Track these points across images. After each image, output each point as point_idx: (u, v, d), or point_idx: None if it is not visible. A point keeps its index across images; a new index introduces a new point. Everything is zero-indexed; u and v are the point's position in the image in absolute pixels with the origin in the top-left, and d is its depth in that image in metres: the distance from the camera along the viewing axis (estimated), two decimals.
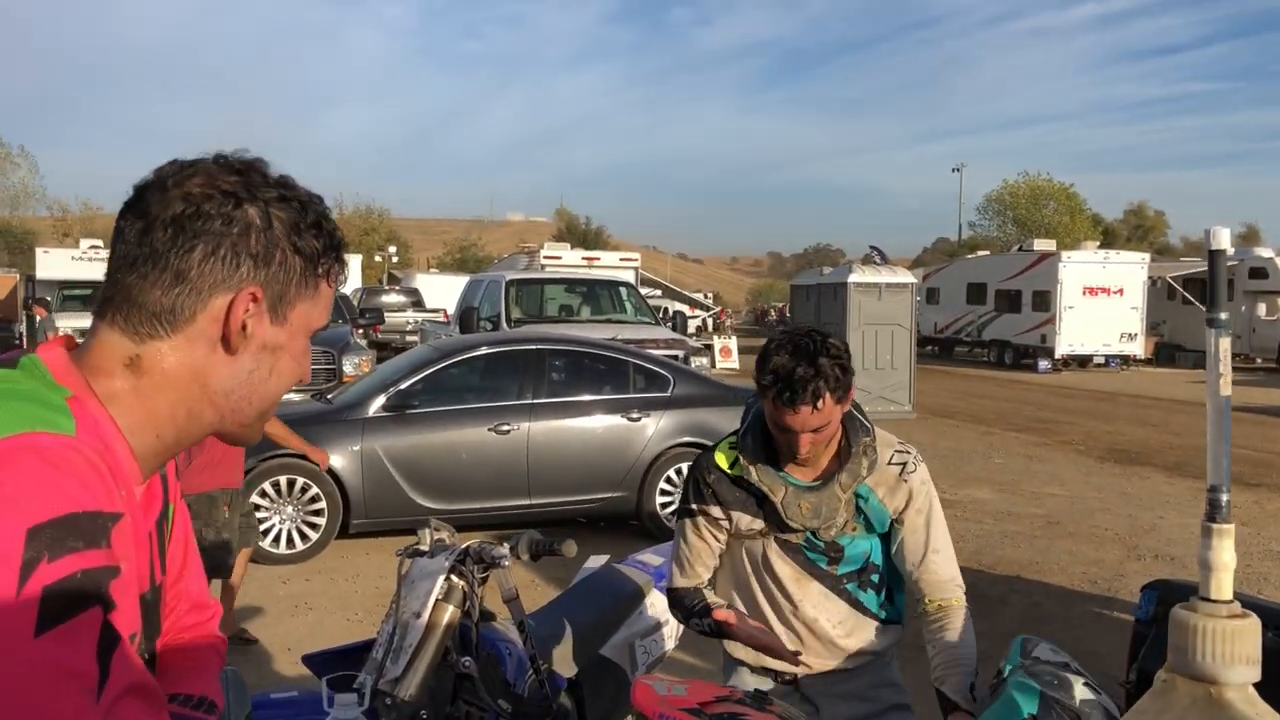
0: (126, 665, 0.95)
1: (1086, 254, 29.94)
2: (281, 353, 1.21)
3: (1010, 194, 63.94)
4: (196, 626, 1.40)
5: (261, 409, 1.23)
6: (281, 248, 1.17)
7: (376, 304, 26.57)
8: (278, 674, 5.42)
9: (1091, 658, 5.64)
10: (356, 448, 7.92)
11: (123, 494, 1.04)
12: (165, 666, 1.31)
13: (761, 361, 2.40)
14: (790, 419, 2.36)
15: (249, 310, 1.15)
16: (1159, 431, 15.80)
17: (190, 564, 1.40)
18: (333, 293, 1.28)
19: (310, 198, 1.22)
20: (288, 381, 1.24)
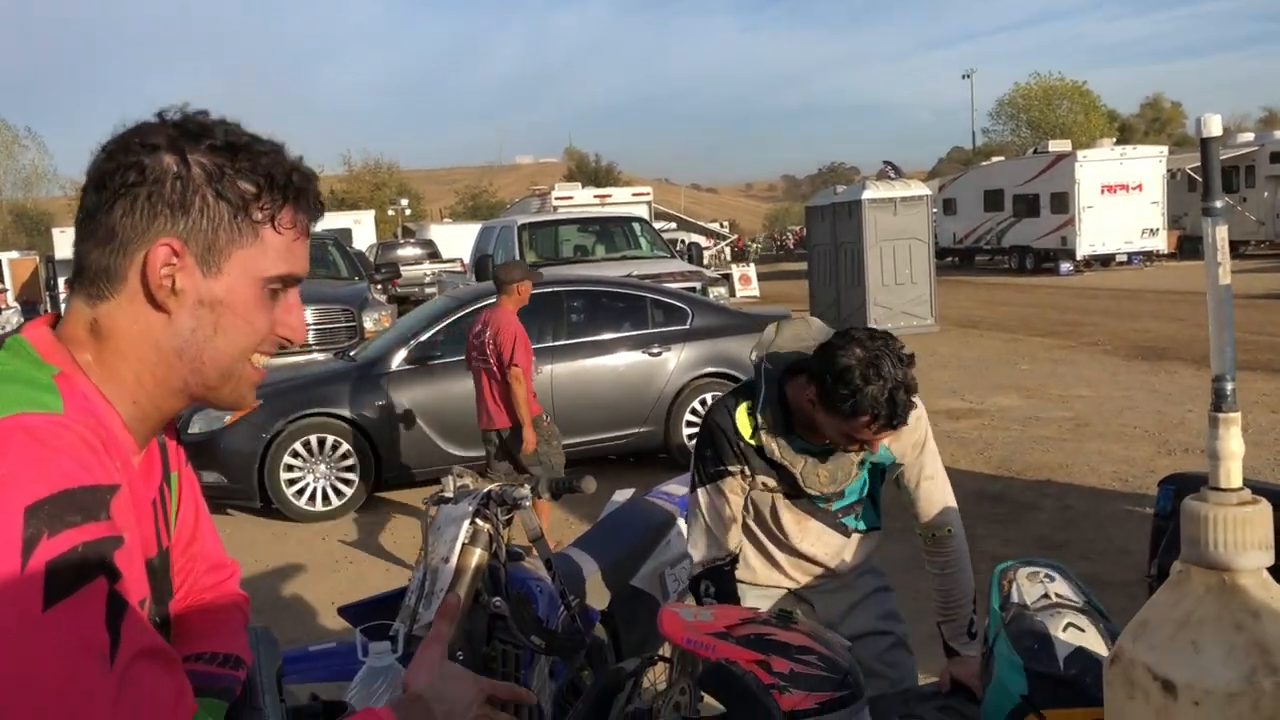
0: (137, 631, 0.97)
1: (1103, 151, 29.48)
2: (222, 308, 1.15)
3: (1023, 96, 62.93)
4: (217, 586, 1.43)
5: (220, 370, 1.17)
6: (201, 194, 1.12)
7: (392, 258, 26.52)
8: (323, 629, 5.53)
9: (1123, 555, 5.67)
10: (383, 402, 7.98)
11: (118, 465, 1.05)
12: (188, 627, 1.33)
13: (838, 383, 2.30)
14: (879, 437, 2.39)
15: (172, 264, 1.11)
16: (1185, 326, 15.67)
17: (202, 525, 1.42)
18: (291, 239, 1.18)
19: (251, 142, 1.16)
20: (241, 340, 1.17)
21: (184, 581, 1.36)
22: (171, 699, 0.98)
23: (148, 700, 0.95)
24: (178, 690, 0.99)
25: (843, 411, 2.31)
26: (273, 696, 1.40)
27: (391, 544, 7.11)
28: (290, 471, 7.75)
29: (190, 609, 1.36)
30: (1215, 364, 1.44)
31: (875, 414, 2.29)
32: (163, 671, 0.98)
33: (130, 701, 0.93)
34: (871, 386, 2.26)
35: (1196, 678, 1.33)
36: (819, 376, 2.36)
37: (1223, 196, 1.46)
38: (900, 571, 5.26)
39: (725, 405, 2.61)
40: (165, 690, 0.97)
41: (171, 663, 1.01)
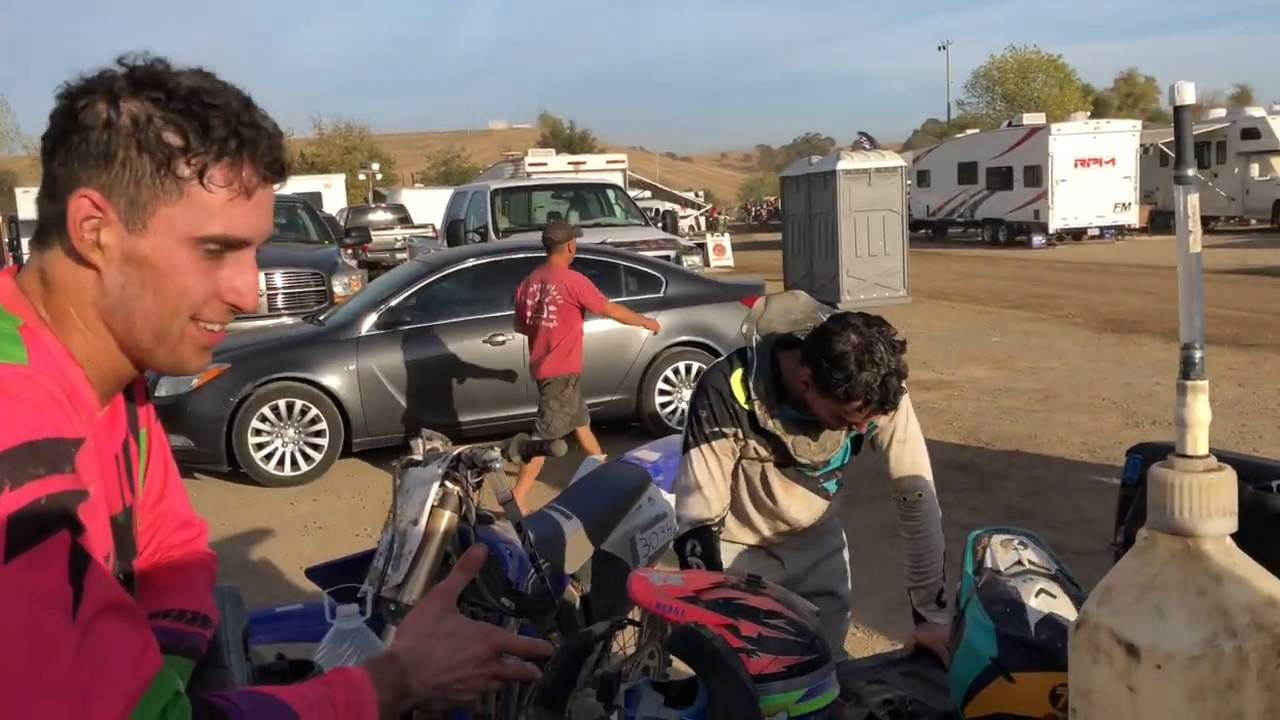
0: (101, 584, 0.96)
1: (1077, 125, 29.59)
2: (148, 267, 1.09)
3: (998, 69, 63.05)
4: (185, 544, 1.42)
5: (152, 331, 1.12)
6: (124, 145, 1.06)
7: (363, 222, 26.33)
8: (290, 592, 5.51)
9: (1090, 525, 5.74)
10: (352, 367, 7.94)
11: (83, 418, 1.03)
12: (155, 583, 1.32)
13: (834, 367, 2.36)
14: (868, 418, 2.47)
15: (95, 217, 1.07)
16: (1155, 299, 15.82)
17: (171, 483, 1.40)
18: (225, 198, 1.10)
19: (196, 89, 1.09)
20: (171, 302, 1.11)
21: (151, 539, 1.35)
22: (136, 653, 0.96)
23: (112, 654, 0.94)
24: (143, 644, 0.98)
25: (836, 395, 2.39)
26: (238, 655, 1.40)
27: (360, 509, 7.09)
28: (258, 436, 7.71)
29: (158, 565, 1.35)
30: (1184, 332, 1.45)
31: (868, 399, 2.37)
32: (127, 626, 0.97)
33: (93, 655, 0.92)
34: (865, 373, 2.33)
35: (1159, 641, 1.35)
36: (814, 360, 2.42)
37: (1194, 165, 1.47)
38: (871, 540, 5.33)
39: (721, 370, 2.67)
40: (130, 644, 0.96)
41: (136, 617, 0.99)
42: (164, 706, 0.96)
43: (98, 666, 0.92)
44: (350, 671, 1.16)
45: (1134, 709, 1.38)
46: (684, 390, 8.73)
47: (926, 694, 2.17)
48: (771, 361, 2.59)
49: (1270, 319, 13.21)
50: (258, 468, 7.72)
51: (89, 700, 0.90)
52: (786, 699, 1.83)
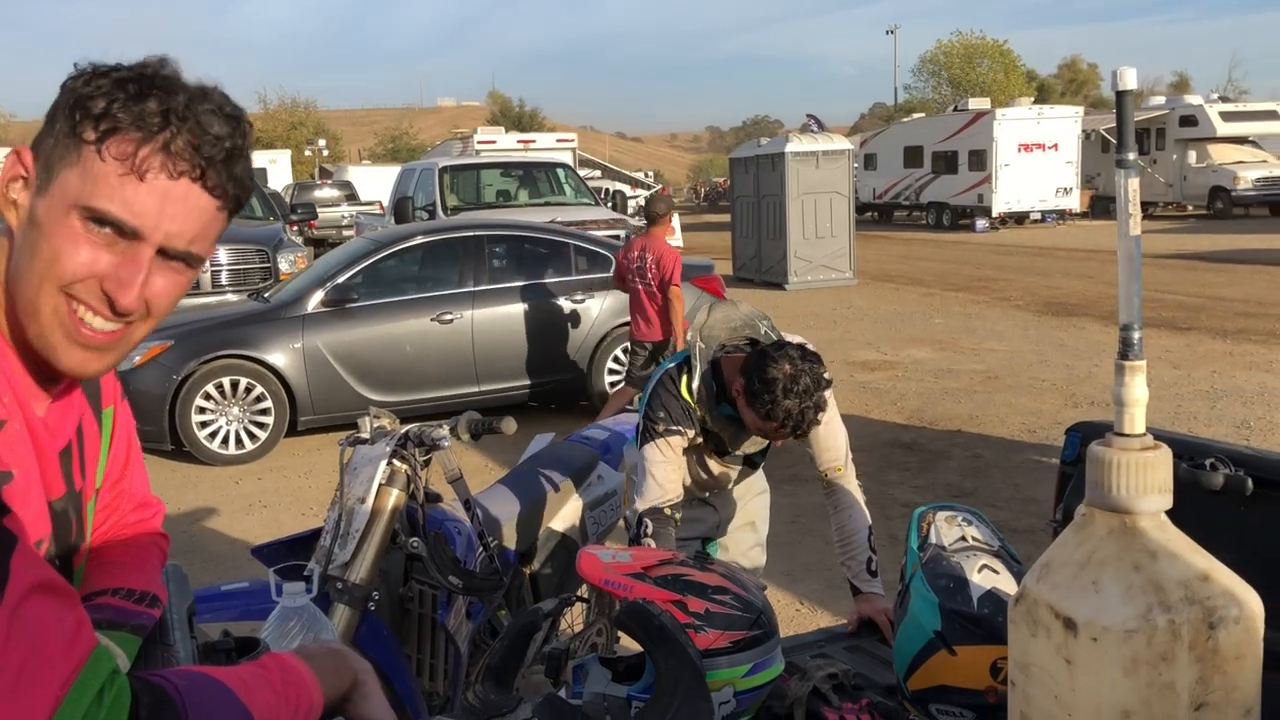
0: (28, 565, 0.93)
1: (1021, 110, 29.91)
2: (36, 230, 1.06)
3: (944, 54, 63.52)
4: (139, 523, 1.40)
5: (27, 302, 1.07)
6: (61, 108, 1.06)
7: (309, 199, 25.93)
8: (236, 572, 5.45)
9: (1029, 503, 5.85)
10: (298, 345, 7.85)
11: (6, 401, 1.01)
12: (106, 560, 1.30)
13: (763, 389, 2.55)
14: (783, 438, 2.70)
15: (18, 175, 1.06)
16: (1095, 283, 16.08)
17: (133, 463, 1.39)
18: (117, 171, 1.06)
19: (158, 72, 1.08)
20: (39, 267, 1.06)
21: (108, 518, 1.33)
22: (69, 632, 0.95)
23: (43, 634, 0.92)
24: (75, 623, 0.96)
25: (759, 412, 2.61)
26: (183, 633, 1.39)
27: (306, 488, 7.03)
28: (202, 414, 7.61)
29: (110, 542, 1.33)
30: (1123, 313, 1.48)
31: (784, 423, 2.59)
32: (58, 604, 0.95)
33: (23, 638, 0.90)
34: (788, 401, 2.55)
35: (1096, 615, 1.39)
36: (748, 375, 2.62)
37: (1135, 150, 1.50)
38: (814, 518, 5.39)
39: (670, 376, 2.87)
40: (61, 623, 0.94)
41: (67, 595, 0.97)
42: (101, 685, 0.94)
43: (29, 648, 0.90)
44: (285, 656, 1.15)
45: (1071, 681, 1.42)
46: None
47: (870, 667, 2.20)
48: (714, 364, 2.80)
49: (1205, 303, 13.50)
50: (202, 446, 7.61)
51: (21, 681, 0.88)
52: (733, 674, 1.86)
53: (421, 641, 2.74)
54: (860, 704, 1.98)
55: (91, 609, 1.22)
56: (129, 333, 1.13)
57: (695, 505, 3.18)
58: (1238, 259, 18.48)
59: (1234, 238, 22.50)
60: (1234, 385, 8.92)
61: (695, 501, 3.18)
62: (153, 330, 1.17)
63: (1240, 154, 30.07)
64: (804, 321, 13.23)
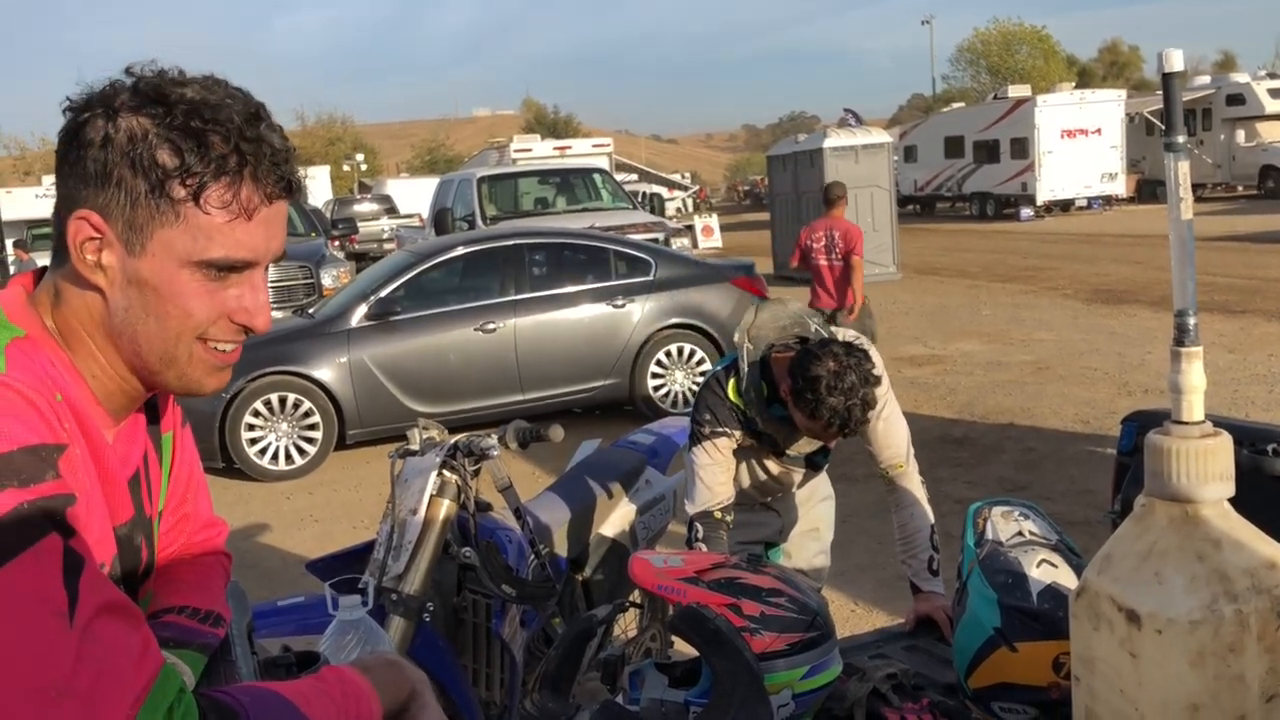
0: (96, 587, 0.94)
1: (1062, 96, 29.56)
2: (149, 290, 1.07)
3: (982, 42, 62.92)
4: (204, 542, 1.42)
5: (158, 354, 1.10)
6: (118, 165, 1.03)
7: (349, 214, 26.26)
8: (291, 586, 5.51)
9: (1085, 495, 5.76)
10: (344, 359, 7.92)
11: (68, 426, 1.02)
12: (172, 579, 1.32)
13: (807, 387, 2.51)
14: (832, 438, 2.68)
15: (95, 239, 1.05)
16: (1144, 269, 15.84)
17: (196, 486, 1.40)
18: (223, 220, 1.07)
19: (199, 102, 1.05)
20: (174, 325, 1.09)
21: (174, 541, 1.35)
22: (137, 653, 0.96)
23: (113, 655, 0.93)
24: (142, 644, 0.97)
25: (805, 412, 2.56)
26: (244, 649, 1.40)
27: (356, 501, 7.09)
28: (252, 431, 7.70)
29: (176, 561, 1.35)
30: (1177, 299, 1.45)
31: (830, 422, 2.53)
32: (125, 626, 0.96)
33: (93, 658, 0.91)
34: (833, 398, 2.49)
35: (1159, 607, 1.36)
36: (794, 375, 2.58)
37: (1184, 132, 1.47)
38: (866, 517, 5.35)
39: (717, 379, 2.84)
40: (129, 644, 0.96)
41: (134, 617, 0.99)
42: (170, 703, 0.95)
43: (100, 668, 0.91)
44: (343, 669, 1.16)
45: (1136, 675, 1.39)
46: (676, 373, 8.73)
47: (929, 666, 2.18)
48: (763, 365, 2.75)
49: (1259, 285, 13.26)
50: (252, 463, 7.71)
51: (95, 702, 0.89)
52: (790, 676, 1.84)
53: (477, 651, 2.75)
54: (921, 704, 1.96)
55: (158, 627, 1.23)
56: (242, 343, 1.19)
57: (758, 510, 3.15)
58: None
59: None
60: None
61: (758, 506, 3.15)
62: None
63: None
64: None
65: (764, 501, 3.18)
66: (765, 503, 3.18)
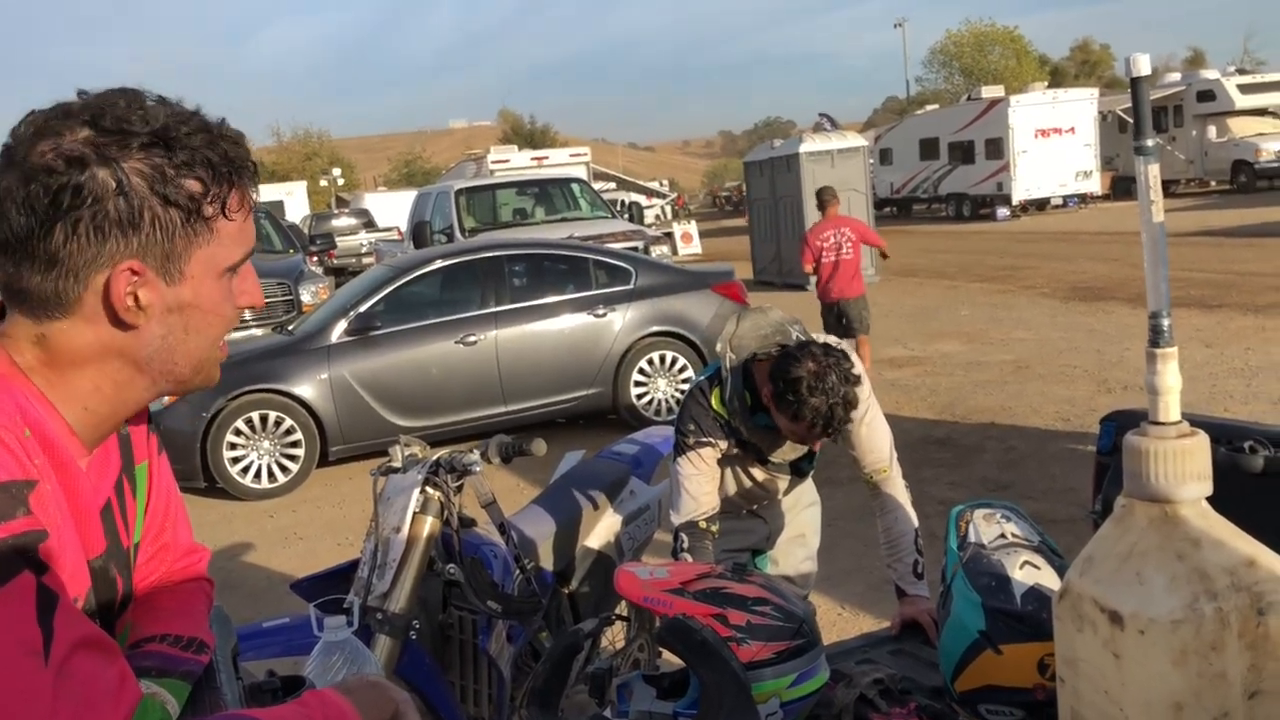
0: (71, 623, 0.94)
1: (1035, 96, 29.74)
2: (191, 310, 1.12)
3: (954, 43, 63.24)
4: (186, 568, 1.41)
5: (194, 365, 1.17)
6: (149, 206, 1.05)
7: (327, 229, 26.21)
8: (275, 606, 5.48)
9: (1068, 493, 5.79)
10: (324, 376, 7.89)
11: (38, 462, 1.02)
12: (153, 607, 1.31)
13: (788, 389, 2.53)
14: (816, 439, 2.67)
15: (133, 282, 1.07)
16: (1120, 266, 15.95)
17: (175, 514, 1.39)
18: (242, 220, 1.15)
19: (177, 127, 1.08)
20: (213, 332, 1.17)
21: (153, 571, 1.34)
22: (114, 686, 0.95)
23: (90, 690, 0.93)
24: (119, 677, 0.97)
25: (787, 414, 2.58)
26: (229, 675, 1.39)
27: (340, 518, 7.06)
28: (233, 450, 7.66)
29: (157, 589, 1.34)
30: (1151, 300, 1.46)
31: (813, 423, 2.55)
32: (102, 660, 0.96)
33: (70, 695, 0.90)
34: (815, 399, 2.51)
35: (1141, 607, 1.37)
36: (774, 379, 2.59)
37: (1154, 135, 1.48)
38: (851, 521, 5.35)
39: (700, 389, 2.84)
40: (106, 679, 0.95)
41: (110, 651, 0.98)
42: None
43: (78, 705, 0.90)
44: (325, 692, 1.16)
45: (1120, 675, 1.40)
46: (659, 380, 8.74)
47: (916, 670, 2.18)
48: (745, 374, 2.76)
49: (1234, 279, 13.36)
50: (234, 482, 7.67)
51: None
52: (778, 685, 1.84)
53: (464, 668, 2.74)
54: (908, 708, 1.96)
55: (141, 656, 1.23)
56: None
57: (744, 517, 3.17)
58: (1264, 232, 18.28)
59: (1260, 211, 22.23)
60: (1269, 361, 8.82)
61: (744, 513, 3.17)
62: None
63: (1261, 126, 29.74)
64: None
65: (750, 509, 3.19)
66: (752, 510, 3.19)
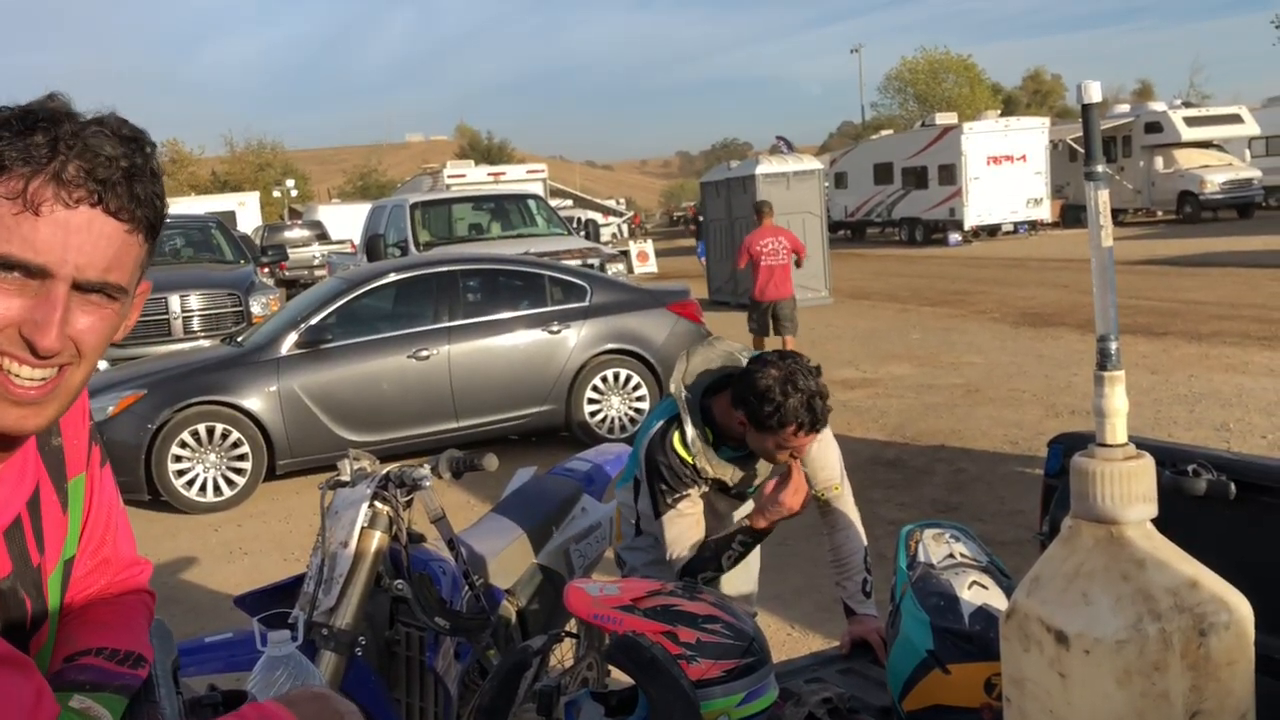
0: None
1: (988, 124, 30.21)
2: None
3: (909, 71, 64.15)
4: (126, 580, 1.38)
5: None
6: None
7: (279, 240, 25.89)
8: (219, 621, 5.38)
9: (1015, 515, 5.85)
10: (273, 388, 7.79)
11: None
12: (90, 620, 1.28)
13: (762, 402, 2.51)
14: (806, 442, 2.61)
15: None
16: (1069, 292, 16.20)
17: (116, 527, 1.36)
18: (9, 210, 1.01)
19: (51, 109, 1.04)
20: None
21: (93, 584, 1.31)
22: (29, 702, 0.92)
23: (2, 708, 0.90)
24: (35, 692, 0.94)
25: (770, 426, 2.54)
26: (169, 689, 1.36)
27: (286, 532, 6.96)
28: (179, 462, 7.53)
29: (95, 600, 1.30)
30: (1099, 324, 1.48)
31: (800, 422, 2.53)
32: (15, 676, 0.92)
33: None
34: (791, 399, 2.50)
35: (1087, 627, 1.38)
36: (744, 400, 2.58)
37: (1103, 162, 1.50)
38: (803, 540, 5.37)
39: (661, 438, 2.77)
40: (20, 696, 0.92)
41: (24, 667, 0.94)
42: None
43: None
44: (266, 704, 1.13)
45: (1065, 694, 1.41)
46: (613, 398, 8.73)
47: (864, 690, 2.19)
48: (703, 410, 2.75)
49: (1179, 307, 13.62)
50: (179, 495, 7.54)
51: None
52: (727, 703, 1.84)
53: (410, 685, 2.70)
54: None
55: (75, 669, 1.19)
56: (63, 379, 1.07)
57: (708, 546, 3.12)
58: (1209, 262, 18.67)
59: (1204, 241, 22.73)
60: (1211, 388, 8.99)
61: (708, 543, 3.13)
62: (90, 374, 1.11)
63: (1206, 158, 30.44)
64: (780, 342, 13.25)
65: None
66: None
